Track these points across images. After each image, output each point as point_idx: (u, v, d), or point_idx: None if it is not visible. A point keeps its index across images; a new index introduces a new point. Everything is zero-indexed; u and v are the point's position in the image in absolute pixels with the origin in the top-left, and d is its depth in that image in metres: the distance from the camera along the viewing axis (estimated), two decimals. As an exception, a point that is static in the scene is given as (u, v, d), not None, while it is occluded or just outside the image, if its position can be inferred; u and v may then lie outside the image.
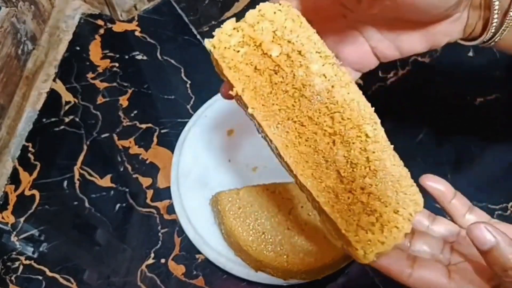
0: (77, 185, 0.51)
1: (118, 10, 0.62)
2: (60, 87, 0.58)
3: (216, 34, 0.29)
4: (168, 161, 0.51)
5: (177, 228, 0.48)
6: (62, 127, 0.55)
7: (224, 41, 0.29)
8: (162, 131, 0.54)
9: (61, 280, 0.46)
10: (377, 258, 0.29)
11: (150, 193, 0.50)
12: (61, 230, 0.48)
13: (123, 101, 0.57)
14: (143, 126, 0.55)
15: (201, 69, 0.59)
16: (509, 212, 0.48)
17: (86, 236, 0.48)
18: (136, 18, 0.63)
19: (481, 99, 0.56)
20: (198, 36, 0.62)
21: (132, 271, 0.46)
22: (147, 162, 0.52)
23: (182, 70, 0.59)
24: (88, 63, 0.60)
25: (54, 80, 0.58)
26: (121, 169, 0.52)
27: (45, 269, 0.46)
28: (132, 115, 0.55)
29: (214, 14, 0.64)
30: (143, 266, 0.46)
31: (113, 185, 0.51)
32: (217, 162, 0.50)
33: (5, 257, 0.47)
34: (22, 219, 0.49)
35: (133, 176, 0.51)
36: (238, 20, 0.29)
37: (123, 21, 0.63)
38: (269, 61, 0.29)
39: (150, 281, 0.45)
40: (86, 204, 0.49)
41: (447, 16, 0.31)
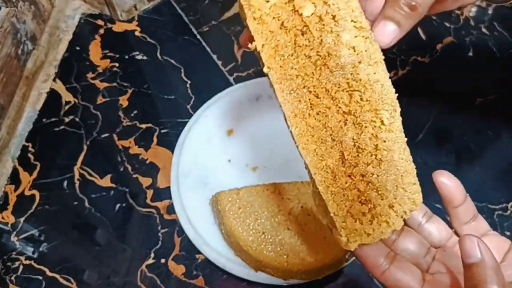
0: (77, 185, 0.51)
1: (118, 10, 0.62)
2: (60, 87, 0.58)
3: None
4: (168, 161, 0.51)
5: (177, 228, 0.48)
6: (62, 127, 0.55)
7: None
8: (162, 131, 0.54)
9: (61, 280, 0.45)
10: (359, 247, 0.29)
11: (150, 193, 0.50)
12: (61, 230, 0.48)
13: (123, 101, 0.57)
14: (143, 126, 0.55)
15: (201, 69, 0.59)
16: (509, 212, 0.48)
17: (86, 236, 0.48)
18: (136, 18, 0.63)
19: (481, 99, 0.56)
20: (198, 36, 0.62)
21: (132, 271, 0.46)
22: (147, 162, 0.52)
23: (182, 70, 0.59)
24: (88, 63, 0.60)
25: (54, 80, 0.58)
26: (121, 169, 0.52)
27: (45, 269, 0.46)
28: (132, 115, 0.55)
29: (214, 14, 0.64)
30: (143, 266, 0.46)
31: (113, 185, 0.51)
32: (217, 162, 0.50)
33: (5, 257, 0.47)
34: (22, 219, 0.49)
35: (133, 176, 0.51)
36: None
37: (123, 21, 0.63)
38: (298, 19, 0.26)
39: (150, 281, 0.45)
40: (86, 204, 0.49)
41: None
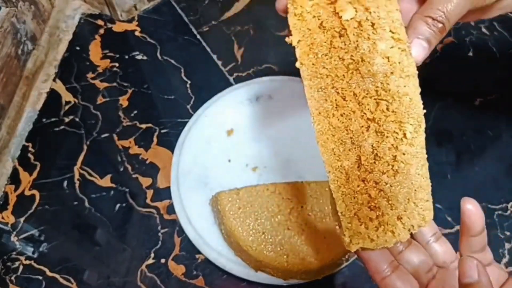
0: (77, 185, 0.51)
1: (118, 10, 0.62)
2: (60, 87, 0.58)
3: None
4: (168, 161, 0.51)
5: (177, 228, 0.48)
6: (62, 127, 0.55)
7: None
8: (162, 131, 0.54)
9: (61, 280, 0.46)
10: (361, 250, 0.29)
11: (150, 193, 0.50)
12: (61, 230, 0.48)
13: (123, 101, 0.57)
14: (143, 126, 0.55)
15: (201, 69, 0.59)
16: (509, 212, 0.48)
17: (86, 236, 0.48)
18: (136, 18, 0.64)
19: (481, 99, 0.56)
20: (198, 36, 0.62)
21: (132, 271, 0.46)
22: (147, 162, 0.52)
23: (182, 70, 0.59)
24: (88, 63, 0.60)
25: (54, 80, 0.58)
26: (121, 169, 0.52)
27: (45, 269, 0.46)
28: (132, 115, 0.55)
29: (214, 14, 0.64)
30: (143, 266, 0.46)
31: (113, 185, 0.51)
32: (217, 162, 0.50)
33: (5, 257, 0.47)
34: (22, 219, 0.49)
35: (133, 176, 0.51)
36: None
37: (123, 21, 0.63)
38: (337, 21, 0.27)
39: (150, 281, 0.45)
40: (86, 204, 0.49)
41: None
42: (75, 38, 0.62)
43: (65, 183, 0.51)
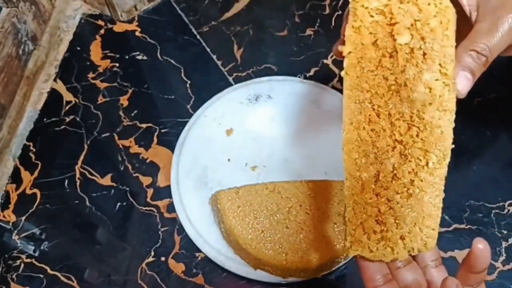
0: (77, 184, 0.51)
1: (118, 11, 0.62)
2: (60, 87, 0.58)
3: None
4: (168, 161, 0.52)
5: (177, 227, 0.48)
6: (63, 126, 0.55)
7: (367, 1, 0.27)
8: (162, 131, 0.54)
9: (62, 278, 0.46)
10: (358, 257, 0.30)
11: (150, 192, 0.50)
12: (62, 228, 0.49)
13: (124, 101, 0.57)
14: (143, 125, 0.55)
15: (201, 69, 0.59)
16: (506, 210, 0.48)
17: (86, 235, 0.48)
18: (136, 18, 0.64)
19: (479, 98, 0.56)
20: (198, 36, 0.62)
21: (133, 270, 0.46)
22: (147, 161, 0.53)
23: (182, 70, 0.59)
24: (88, 63, 0.60)
25: (54, 80, 0.59)
26: (122, 168, 0.52)
27: (46, 268, 0.46)
28: (133, 114, 0.56)
29: (213, 15, 0.64)
30: (143, 264, 0.46)
31: (114, 184, 0.51)
32: (217, 162, 0.50)
33: (6, 255, 0.47)
34: (23, 218, 0.49)
35: (134, 175, 0.52)
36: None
37: (123, 22, 0.64)
38: (391, 43, 0.28)
39: (150, 279, 0.45)
40: (87, 203, 0.50)
41: None
42: (76, 38, 0.62)
43: (66, 182, 0.51)
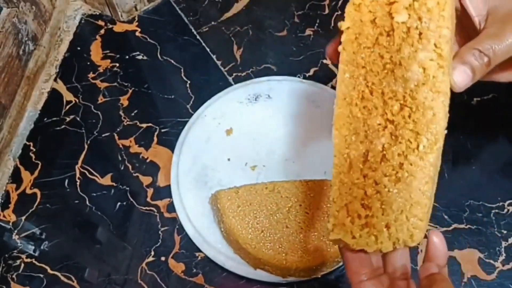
0: (78, 184, 0.51)
1: (118, 11, 0.62)
2: (61, 86, 0.58)
3: None
4: (168, 160, 0.52)
5: (177, 227, 0.48)
6: (63, 126, 0.55)
7: None
8: (162, 131, 0.55)
9: (62, 278, 0.46)
10: (339, 243, 0.29)
11: (150, 191, 0.51)
12: (62, 228, 0.49)
13: (124, 100, 0.57)
14: (143, 125, 0.55)
15: (201, 69, 0.59)
16: (505, 210, 0.48)
17: (87, 235, 0.48)
18: (136, 18, 0.64)
19: (478, 98, 0.56)
20: (198, 37, 0.62)
21: (133, 269, 0.46)
22: (147, 161, 0.53)
23: (182, 70, 0.59)
24: (89, 63, 0.60)
25: (55, 80, 0.59)
26: (122, 168, 0.52)
27: (46, 267, 0.46)
28: (133, 114, 0.56)
29: (213, 15, 0.64)
30: (144, 264, 0.46)
31: (114, 184, 0.51)
32: (217, 161, 0.50)
33: (6, 255, 0.47)
34: (23, 218, 0.49)
35: (134, 175, 0.52)
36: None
37: (123, 22, 0.64)
38: (389, 22, 0.28)
39: (150, 279, 0.46)
40: (87, 203, 0.50)
41: None
42: (76, 38, 0.62)
43: (66, 182, 0.51)
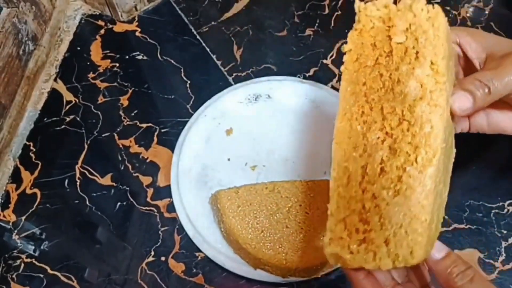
0: (78, 184, 0.51)
1: (118, 11, 0.62)
2: (61, 86, 0.58)
3: (372, 2, 0.30)
4: (168, 160, 0.52)
5: (177, 227, 0.48)
6: (63, 126, 0.55)
7: (369, 10, 0.30)
8: (162, 131, 0.55)
9: (62, 278, 0.46)
10: (336, 258, 0.28)
11: (150, 191, 0.51)
12: (62, 228, 0.49)
13: (124, 100, 0.57)
14: (144, 125, 0.55)
15: (201, 69, 0.59)
16: (505, 210, 0.48)
17: (87, 235, 0.48)
18: (136, 18, 0.64)
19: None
20: (198, 37, 0.62)
21: (133, 269, 0.46)
22: (147, 161, 0.53)
23: (182, 70, 0.59)
24: (88, 63, 0.60)
25: (55, 79, 0.59)
26: (122, 168, 0.52)
27: (46, 267, 0.46)
28: (133, 114, 0.56)
29: (213, 15, 0.64)
30: (144, 264, 0.46)
31: (114, 184, 0.51)
32: (217, 161, 0.50)
33: (6, 255, 0.47)
34: (23, 218, 0.49)
35: (134, 175, 0.52)
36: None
37: (123, 22, 0.64)
38: (388, 44, 0.30)
39: (150, 279, 0.46)
40: (87, 203, 0.50)
41: None
42: (76, 38, 0.62)
43: (66, 182, 0.51)
